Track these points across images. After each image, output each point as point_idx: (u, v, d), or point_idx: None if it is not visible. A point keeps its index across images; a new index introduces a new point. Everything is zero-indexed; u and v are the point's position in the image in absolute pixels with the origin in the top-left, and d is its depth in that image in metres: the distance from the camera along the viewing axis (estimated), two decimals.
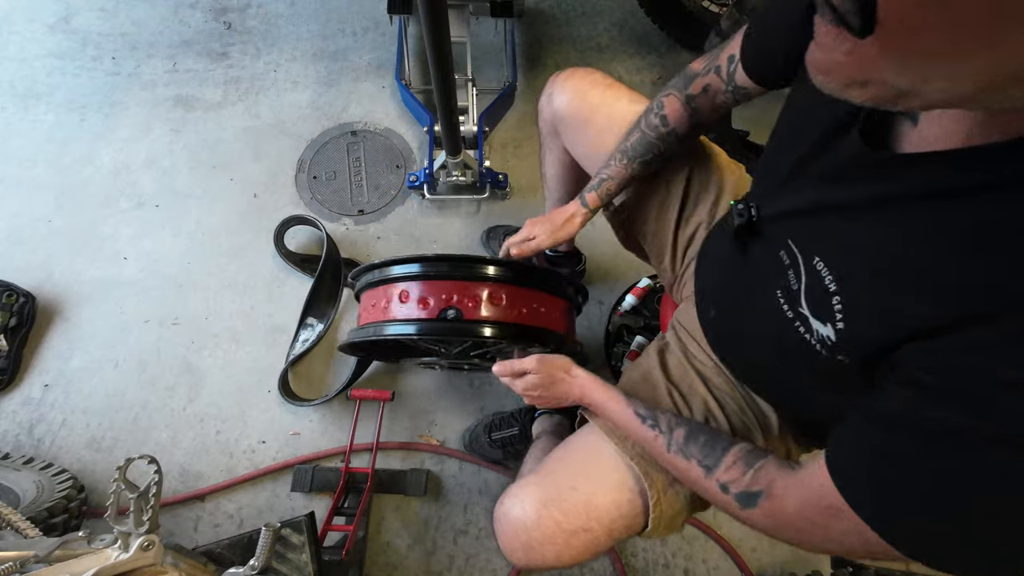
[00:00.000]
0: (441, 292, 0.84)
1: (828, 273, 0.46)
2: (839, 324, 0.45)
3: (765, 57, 0.62)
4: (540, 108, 0.95)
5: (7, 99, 1.61)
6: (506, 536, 0.68)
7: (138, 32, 1.71)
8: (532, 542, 0.65)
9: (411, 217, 1.50)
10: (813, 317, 0.48)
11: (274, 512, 1.21)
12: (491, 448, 1.20)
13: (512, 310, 0.86)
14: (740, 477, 0.55)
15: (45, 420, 1.27)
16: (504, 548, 0.69)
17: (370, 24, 1.73)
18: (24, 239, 1.44)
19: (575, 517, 0.65)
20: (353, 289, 0.99)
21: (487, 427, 1.21)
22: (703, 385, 0.74)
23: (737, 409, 0.72)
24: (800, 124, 0.53)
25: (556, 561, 0.66)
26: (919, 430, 0.38)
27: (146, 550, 0.65)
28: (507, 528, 0.68)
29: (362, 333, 0.88)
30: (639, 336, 1.30)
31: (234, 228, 1.47)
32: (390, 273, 0.87)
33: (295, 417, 1.29)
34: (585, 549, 0.66)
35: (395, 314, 0.86)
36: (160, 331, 1.36)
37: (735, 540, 1.22)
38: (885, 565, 1.22)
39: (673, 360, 0.78)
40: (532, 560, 0.66)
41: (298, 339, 1.34)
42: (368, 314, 0.91)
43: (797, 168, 0.52)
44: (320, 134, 1.59)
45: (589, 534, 0.65)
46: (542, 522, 0.65)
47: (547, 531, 0.65)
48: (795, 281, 0.50)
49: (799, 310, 0.50)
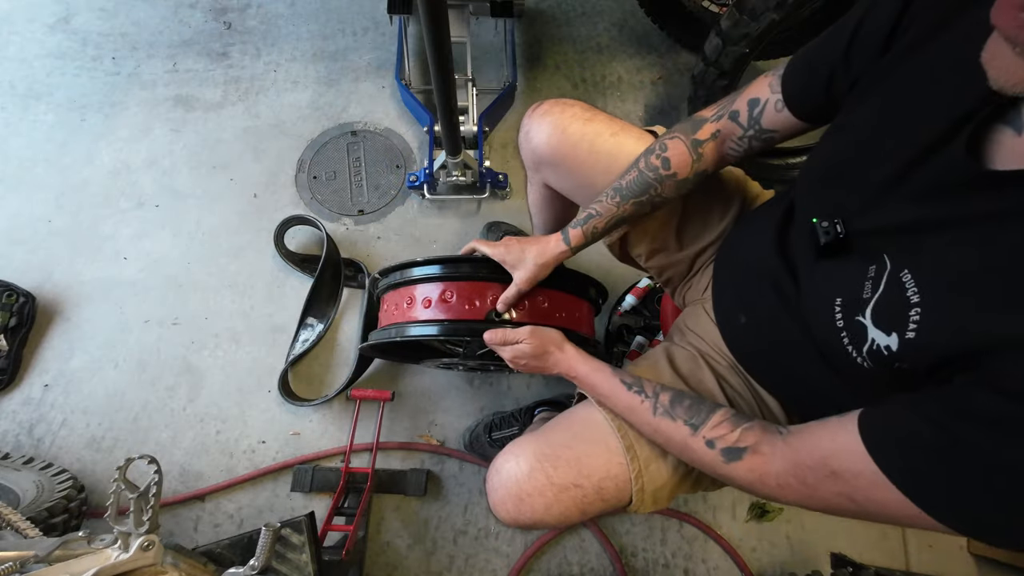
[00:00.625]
0: (473, 293, 0.84)
1: (914, 285, 0.47)
2: (909, 335, 0.46)
3: (810, 91, 0.62)
4: (519, 144, 0.92)
5: (7, 99, 1.61)
6: (497, 491, 0.70)
7: (138, 32, 1.71)
8: (522, 494, 0.67)
9: (411, 217, 1.50)
10: (875, 327, 0.49)
11: (274, 512, 1.21)
12: (491, 447, 1.20)
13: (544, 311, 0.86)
14: (727, 434, 0.58)
15: (45, 420, 1.27)
16: (494, 503, 0.71)
17: (370, 24, 1.73)
18: (24, 239, 1.44)
19: (566, 472, 0.67)
20: (375, 289, 0.99)
21: (487, 427, 1.21)
22: (714, 380, 0.74)
23: (745, 407, 0.73)
24: (879, 140, 0.53)
25: (545, 513, 0.67)
26: (995, 425, 0.40)
27: (146, 550, 0.65)
28: (499, 482, 0.70)
29: (383, 334, 0.89)
30: (639, 336, 1.30)
31: (234, 228, 1.47)
32: (418, 274, 0.87)
33: (295, 417, 1.29)
34: (573, 505, 0.67)
35: (422, 315, 0.86)
36: (160, 331, 1.36)
37: (735, 540, 1.22)
38: (885, 565, 1.22)
39: (682, 356, 0.79)
40: (522, 513, 0.68)
41: (298, 339, 1.34)
42: (392, 315, 0.92)
43: (889, 184, 0.51)
44: (320, 134, 1.59)
45: (579, 490, 0.67)
46: (534, 475, 0.67)
47: (538, 483, 0.67)
48: (869, 291, 0.51)
49: (857, 318, 0.51)
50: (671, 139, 0.74)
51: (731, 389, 0.74)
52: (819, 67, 0.60)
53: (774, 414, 0.73)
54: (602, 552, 1.20)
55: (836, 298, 0.54)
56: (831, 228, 0.56)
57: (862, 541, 1.24)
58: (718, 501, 1.26)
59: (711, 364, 0.76)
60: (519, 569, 1.16)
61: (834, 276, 0.56)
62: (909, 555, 1.25)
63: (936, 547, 1.25)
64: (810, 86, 0.62)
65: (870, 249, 0.53)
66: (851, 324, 0.52)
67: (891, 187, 0.51)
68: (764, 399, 0.74)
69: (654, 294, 1.33)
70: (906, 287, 0.47)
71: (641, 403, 0.66)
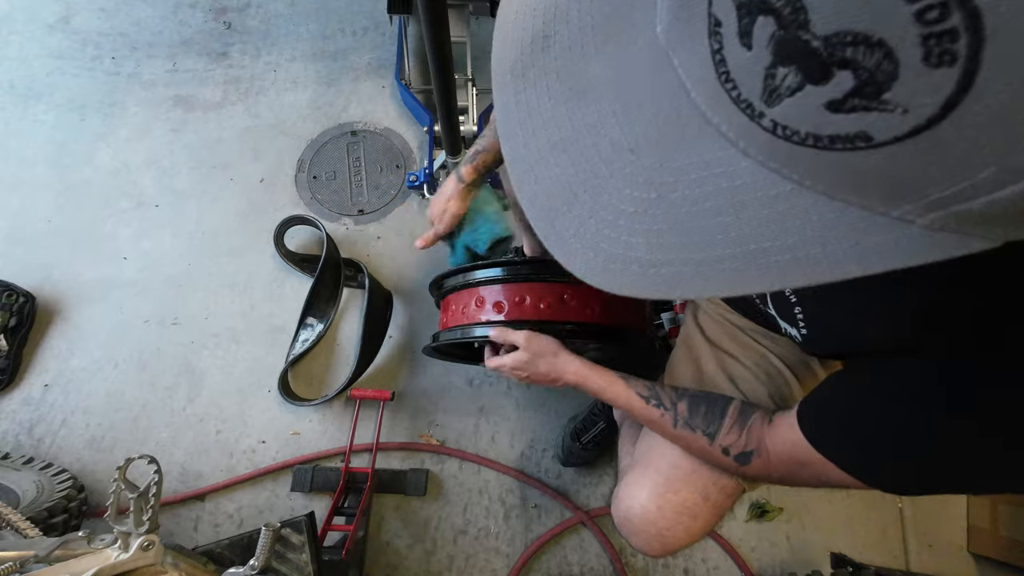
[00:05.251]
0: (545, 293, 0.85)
1: (791, 292, 0.53)
2: (803, 330, 0.53)
3: None
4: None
5: (7, 99, 1.61)
6: (638, 536, 0.72)
7: (138, 32, 1.71)
8: (661, 531, 0.69)
9: (411, 217, 1.50)
10: (780, 319, 0.56)
11: (274, 512, 1.21)
12: (587, 451, 1.19)
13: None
14: (737, 440, 0.62)
15: (45, 420, 1.27)
16: (639, 546, 0.73)
17: (370, 24, 1.73)
18: (24, 239, 1.44)
19: (689, 492, 0.69)
20: (437, 291, 1.00)
21: (574, 435, 1.20)
22: (745, 335, 0.77)
23: (786, 345, 0.74)
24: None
25: (689, 538, 0.70)
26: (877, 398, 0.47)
27: (146, 550, 0.65)
28: (636, 528, 0.72)
29: (450, 335, 0.91)
30: (664, 313, 1.28)
31: (234, 228, 1.47)
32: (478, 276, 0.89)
33: (295, 417, 1.29)
34: (710, 515, 0.70)
35: (484, 316, 0.87)
36: (160, 331, 1.36)
37: (735, 540, 1.22)
38: (885, 565, 1.22)
39: (708, 321, 0.81)
40: (668, 546, 0.70)
41: (298, 339, 1.34)
42: (456, 317, 0.93)
43: None
44: (320, 134, 1.59)
45: (707, 501, 0.70)
46: (663, 508, 0.69)
47: (671, 516, 0.69)
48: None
49: (767, 310, 0.59)
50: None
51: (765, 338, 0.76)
52: None
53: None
54: (602, 552, 1.20)
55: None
56: None
57: (862, 541, 1.24)
58: None
59: (737, 324, 0.78)
60: (519, 569, 1.16)
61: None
62: (909, 555, 1.25)
63: (936, 547, 1.25)
64: None
65: None
66: (767, 311, 0.59)
67: None
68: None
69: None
70: (785, 292, 0.53)
71: (661, 416, 0.67)
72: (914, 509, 1.28)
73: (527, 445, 1.28)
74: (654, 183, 0.24)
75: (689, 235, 0.24)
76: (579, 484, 1.25)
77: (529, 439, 1.28)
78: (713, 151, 0.22)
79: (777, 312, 0.56)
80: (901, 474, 0.47)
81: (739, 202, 0.22)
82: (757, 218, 0.22)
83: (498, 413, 1.30)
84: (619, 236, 0.25)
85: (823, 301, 0.50)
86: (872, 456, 0.48)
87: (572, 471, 1.26)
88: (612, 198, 0.25)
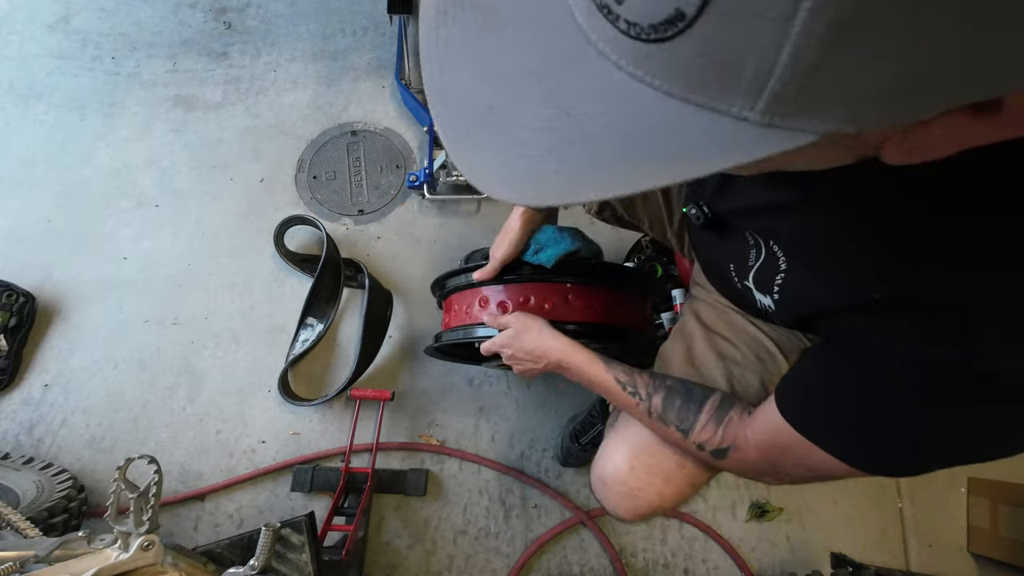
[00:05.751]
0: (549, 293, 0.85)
1: (783, 256, 0.52)
2: (776, 295, 0.53)
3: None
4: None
5: (7, 99, 1.61)
6: (608, 495, 0.72)
7: (138, 32, 1.71)
8: (633, 490, 0.69)
9: (411, 217, 1.50)
10: (756, 290, 0.57)
11: (274, 512, 1.21)
12: (586, 452, 1.19)
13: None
14: (711, 437, 0.62)
15: (45, 420, 1.27)
16: (609, 506, 0.72)
17: (370, 24, 1.73)
18: (24, 239, 1.44)
19: (664, 456, 0.70)
20: (439, 291, 1.00)
21: (573, 436, 1.20)
22: (741, 317, 0.77)
23: (781, 329, 0.75)
24: None
25: (660, 499, 0.69)
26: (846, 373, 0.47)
27: (146, 550, 0.65)
28: (607, 486, 0.72)
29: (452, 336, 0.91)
30: (664, 314, 1.28)
31: (234, 228, 1.47)
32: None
33: (295, 417, 1.29)
34: (684, 483, 0.70)
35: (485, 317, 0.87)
36: (160, 331, 1.36)
37: (735, 540, 1.22)
38: (885, 565, 1.22)
39: (705, 308, 0.82)
40: (639, 507, 0.70)
41: (298, 339, 1.34)
42: (458, 317, 0.93)
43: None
44: (320, 134, 1.59)
45: (684, 470, 0.70)
46: (636, 469, 0.70)
47: (644, 475, 0.69)
48: (753, 259, 0.56)
49: (744, 283, 0.59)
50: None
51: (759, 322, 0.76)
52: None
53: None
54: (602, 552, 1.20)
55: (729, 264, 0.61)
56: (700, 212, 0.62)
57: (862, 541, 1.24)
58: (718, 501, 1.26)
59: (728, 306, 0.79)
60: (519, 569, 1.16)
61: (720, 245, 0.63)
62: (909, 555, 1.25)
63: (936, 547, 1.25)
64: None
65: (738, 226, 0.58)
66: (744, 286, 0.59)
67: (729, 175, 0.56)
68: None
69: (644, 265, 1.32)
70: (777, 257, 0.53)
71: (636, 405, 0.67)
72: (914, 509, 1.28)
73: (527, 445, 1.28)
74: (556, 104, 0.27)
75: (588, 146, 0.26)
76: (579, 484, 1.25)
77: (529, 439, 1.28)
78: (596, 68, 0.25)
79: (755, 284, 0.57)
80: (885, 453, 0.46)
81: (622, 115, 0.25)
82: (636, 130, 0.25)
83: (498, 413, 1.30)
84: (530, 152, 0.28)
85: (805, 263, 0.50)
86: (855, 434, 0.48)
87: (572, 471, 1.26)
88: (524, 118, 0.28)
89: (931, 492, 1.29)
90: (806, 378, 0.53)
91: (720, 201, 0.60)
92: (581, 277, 0.87)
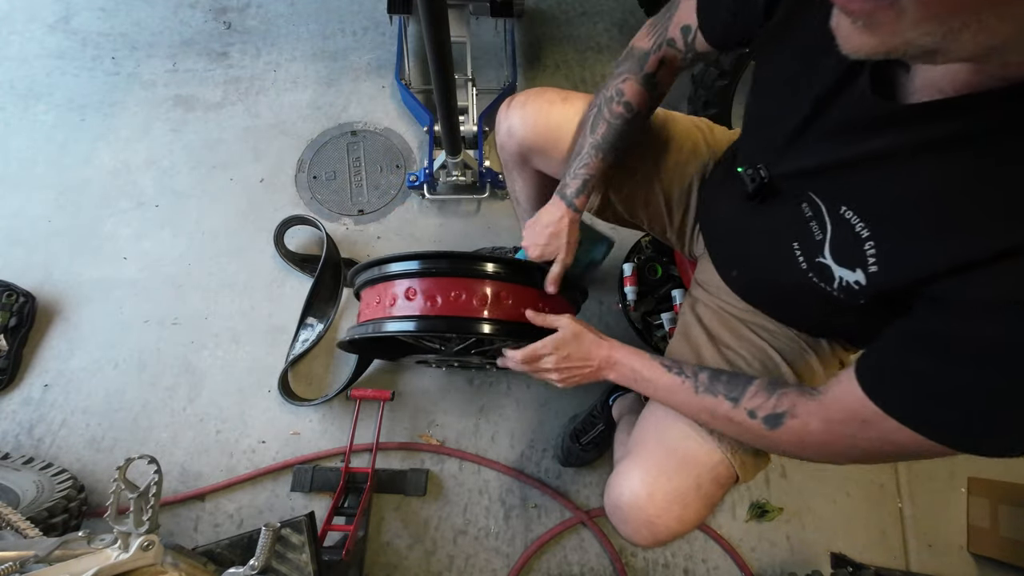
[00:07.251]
0: (449, 289, 0.83)
1: (859, 220, 0.48)
2: (872, 268, 0.48)
3: (724, 28, 0.65)
4: (501, 143, 0.92)
5: (7, 99, 1.61)
6: (626, 523, 0.70)
7: (138, 32, 1.71)
8: (651, 517, 0.68)
9: (411, 217, 1.50)
10: (838, 265, 0.52)
11: (274, 512, 1.21)
12: (586, 452, 1.20)
13: (516, 309, 0.85)
14: (764, 402, 0.59)
15: (45, 420, 1.27)
16: (626, 533, 0.71)
17: (370, 24, 1.73)
18: (24, 239, 1.44)
19: (682, 479, 0.68)
20: (352, 286, 0.99)
21: (573, 436, 1.20)
22: (746, 327, 0.76)
23: (786, 340, 0.75)
24: (794, 83, 0.55)
25: (680, 526, 0.68)
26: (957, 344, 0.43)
27: (146, 550, 0.65)
28: (625, 514, 0.70)
29: (361, 330, 0.87)
30: (663, 314, 1.28)
31: (234, 228, 1.47)
32: (392, 270, 0.86)
33: (295, 417, 1.29)
34: (702, 505, 0.68)
35: (396, 311, 0.85)
36: (160, 331, 1.36)
37: (735, 540, 1.22)
38: (885, 565, 1.22)
39: (707, 313, 0.81)
40: (658, 535, 0.68)
41: (298, 339, 1.34)
42: (369, 311, 0.91)
43: (804, 125, 0.54)
44: (320, 134, 1.59)
45: (700, 491, 0.68)
46: (655, 496, 0.68)
47: (662, 503, 0.67)
48: (819, 232, 0.53)
49: (818, 260, 0.54)
50: (623, 82, 0.77)
51: (763, 329, 0.76)
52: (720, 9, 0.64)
53: (816, 337, 0.75)
54: (602, 552, 1.20)
55: (792, 242, 0.57)
56: (755, 175, 0.58)
57: (862, 541, 1.24)
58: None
59: (735, 314, 0.78)
60: (519, 569, 1.16)
61: (778, 222, 0.59)
62: (909, 555, 1.25)
63: (936, 547, 1.25)
64: (718, 22, 0.65)
65: (796, 190, 0.55)
66: (814, 265, 0.54)
67: (805, 129, 0.54)
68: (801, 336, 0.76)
69: (646, 266, 1.33)
70: (852, 224, 0.49)
71: (683, 383, 0.67)
72: (914, 509, 1.28)
73: (527, 445, 1.28)
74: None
75: None
76: (579, 484, 1.25)
77: (529, 439, 1.28)
78: None
79: (836, 259, 0.52)
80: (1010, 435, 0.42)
81: None
82: None
83: (498, 413, 1.30)
84: None
85: (902, 224, 0.46)
86: (968, 415, 0.43)
87: (572, 471, 1.26)
88: None
89: (931, 492, 1.29)
90: (899, 357, 0.48)
91: (780, 163, 0.57)
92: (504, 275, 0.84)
